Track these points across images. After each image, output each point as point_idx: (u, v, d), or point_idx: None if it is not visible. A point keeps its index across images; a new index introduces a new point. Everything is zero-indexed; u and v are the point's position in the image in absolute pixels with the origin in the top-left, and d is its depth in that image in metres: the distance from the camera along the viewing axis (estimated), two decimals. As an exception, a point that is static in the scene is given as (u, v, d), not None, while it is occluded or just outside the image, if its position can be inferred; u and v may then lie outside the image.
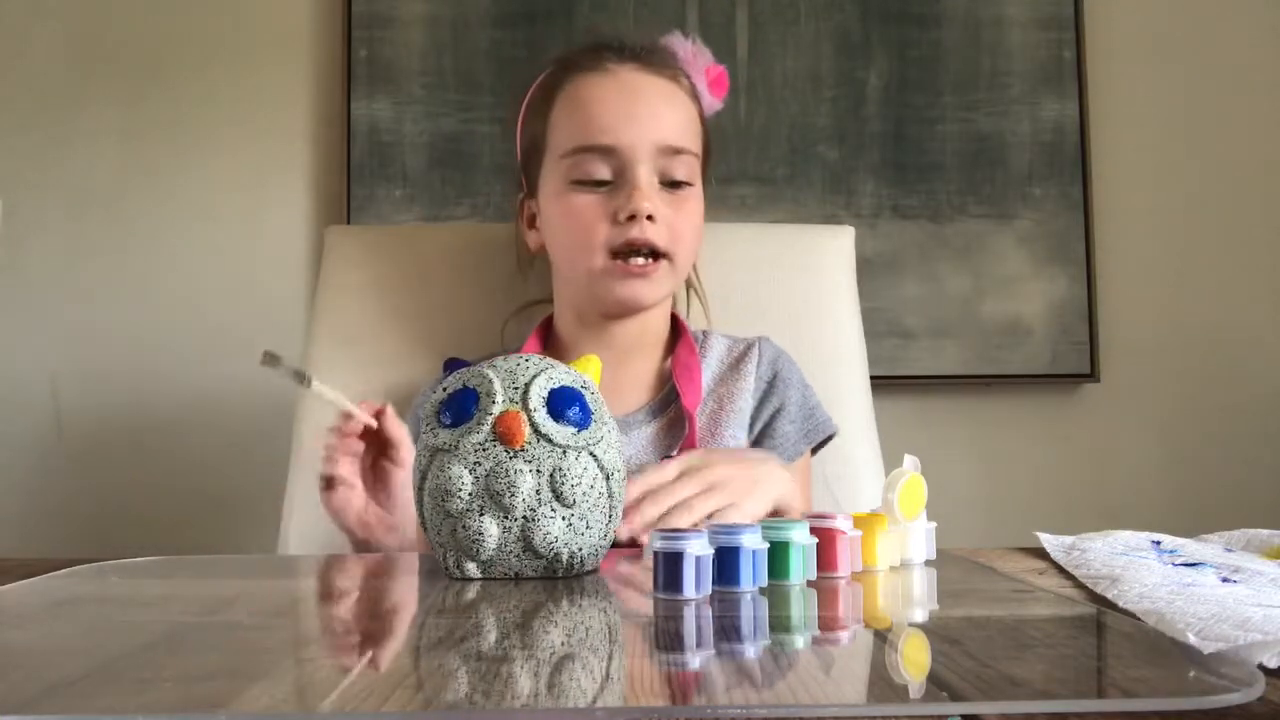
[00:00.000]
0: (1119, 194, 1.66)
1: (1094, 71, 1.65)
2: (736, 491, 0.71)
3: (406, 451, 0.76)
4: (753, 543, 0.49)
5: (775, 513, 0.75)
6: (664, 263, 0.88)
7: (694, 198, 0.91)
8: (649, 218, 0.85)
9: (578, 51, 0.93)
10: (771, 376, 0.96)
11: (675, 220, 0.88)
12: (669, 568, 0.47)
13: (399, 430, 0.76)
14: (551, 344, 0.97)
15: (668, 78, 0.91)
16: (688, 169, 0.89)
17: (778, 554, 0.51)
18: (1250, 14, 1.69)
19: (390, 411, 0.76)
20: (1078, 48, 1.64)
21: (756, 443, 0.94)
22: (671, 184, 0.88)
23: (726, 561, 0.49)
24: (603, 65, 0.90)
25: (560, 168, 0.89)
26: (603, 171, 0.87)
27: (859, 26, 1.64)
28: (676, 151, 0.88)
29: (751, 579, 0.49)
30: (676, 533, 0.48)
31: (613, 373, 0.93)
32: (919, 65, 1.64)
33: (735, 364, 0.96)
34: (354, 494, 0.76)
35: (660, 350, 0.97)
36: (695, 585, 0.47)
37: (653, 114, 0.88)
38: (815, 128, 1.63)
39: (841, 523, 0.55)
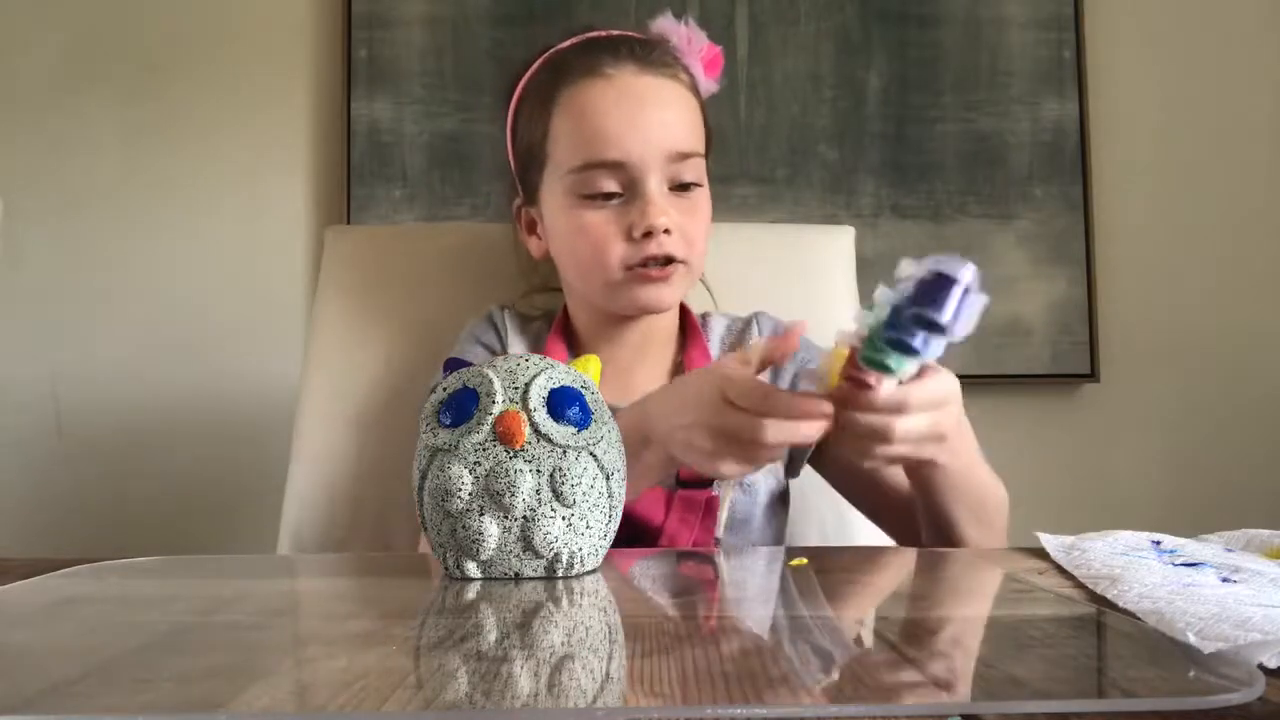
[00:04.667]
0: (1119, 194, 1.66)
1: (1094, 71, 1.65)
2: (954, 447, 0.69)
3: None
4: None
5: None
6: (680, 266, 0.87)
7: (704, 197, 0.89)
8: (666, 231, 0.84)
9: (571, 53, 0.90)
10: None
11: (689, 226, 0.86)
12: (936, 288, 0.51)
13: None
14: (571, 343, 0.96)
15: (667, 76, 0.89)
16: (696, 171, 0.88)
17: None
18: (1250, 14, 1.69)
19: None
20: (1078, 48, 1.64)
21: None
22: (681, 186, 0.87)
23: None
24: (600, 70, 0.86)
25: (566, 182, 0.87)
26: (611, 185, 0.85)
27: (859, 26, 1.64)
28: (685, 156, 0.86)
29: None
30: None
31: (628, 369, 0.93)
32: (919, 65, 1.64)
33: (738, 340, 0.96)
34: None
35: (672, 345, 0.97)
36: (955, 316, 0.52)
37: (658, 121, 0.86)
38: (815, 128, 1.63)
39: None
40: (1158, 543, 0.62)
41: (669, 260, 0.85)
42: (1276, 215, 1.68)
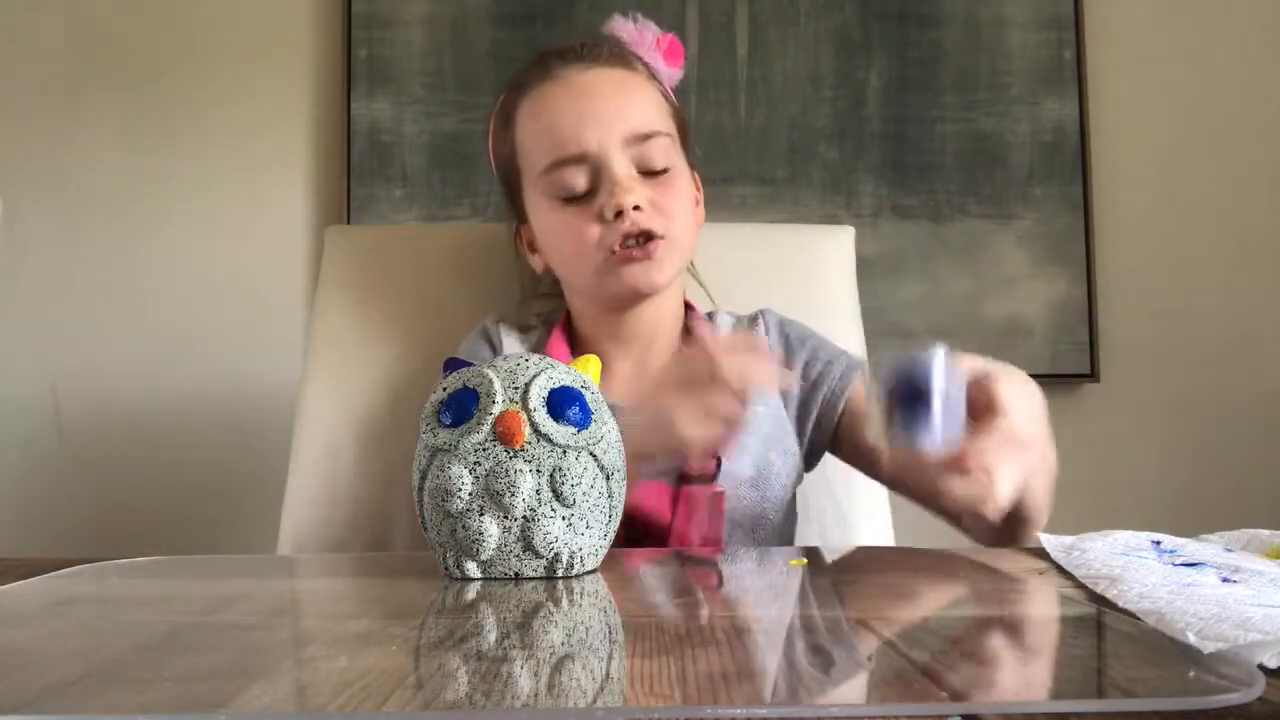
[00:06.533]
0: (1119, 194, 1.66)
1: (1094, 71, 1.65)
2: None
3: None
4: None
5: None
6: (662, 242, 0.86)
7: (677, 178, 0.89)
8: (636, 208, 0.84)
9: (524, 69, 0.91)
10: (784, 341, 0.96)
11: (662, 202, 0.87)
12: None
13: None
14: (575, 345, 0.96)
15: (620, 67, 0.89)
16: (663, 153, 0.88)
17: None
18: (1250, 14, 1.69)
19: None
20: (1078, 48, 1.64)
21: (808, 397, 0.93)
22: (650, 173, 0.87)
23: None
24: (550, 74, 0.88)
25: (540, 187, 0.88)
26: (581, 181, 0.86)
27: (859, 26, 1.64)
28: (647, 136, 0.87)
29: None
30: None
31: (635, 368, 0.93)
32: (919, 65, 1.64)
33: None
34: None
35: (676, 343, 0.96)
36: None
37: (612, 107, 0.86)
38: (815, 128, 1.63)
39: None
40: (1158, 543, 0.62)
41: (649, 237, 0.85)
42: (1276, 215, 1.68)
